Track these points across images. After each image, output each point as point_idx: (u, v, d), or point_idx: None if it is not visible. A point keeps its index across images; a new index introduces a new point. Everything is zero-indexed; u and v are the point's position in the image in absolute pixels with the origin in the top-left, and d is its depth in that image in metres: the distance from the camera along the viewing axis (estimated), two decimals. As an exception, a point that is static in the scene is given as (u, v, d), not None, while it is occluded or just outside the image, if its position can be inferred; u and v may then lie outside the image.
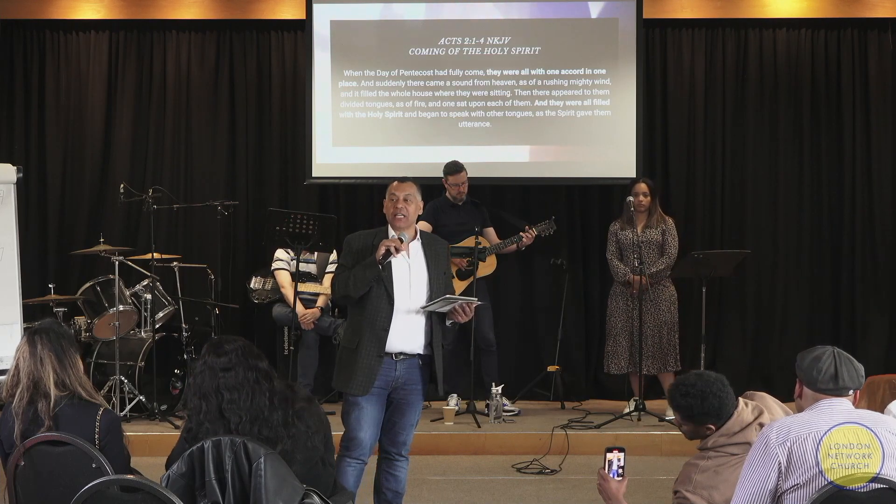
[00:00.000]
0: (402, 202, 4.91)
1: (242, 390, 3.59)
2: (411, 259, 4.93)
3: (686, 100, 8.92)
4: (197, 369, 3.69)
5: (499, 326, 8.59)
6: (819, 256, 8.89)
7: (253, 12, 8.93)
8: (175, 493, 3.23)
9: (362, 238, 4.98)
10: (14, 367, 3.90)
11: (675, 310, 7.80)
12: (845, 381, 3.25)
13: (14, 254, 6.49)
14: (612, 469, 3.62)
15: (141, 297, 7.86)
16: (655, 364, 7.74)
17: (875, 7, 8.79)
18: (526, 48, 8.63)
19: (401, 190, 4.96)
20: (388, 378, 4.86)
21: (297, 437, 3.63)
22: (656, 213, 7.85)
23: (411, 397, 4.94)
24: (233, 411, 3.56)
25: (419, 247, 4.98)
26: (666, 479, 5.32)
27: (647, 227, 7.80)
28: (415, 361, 4.91)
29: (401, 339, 4.86)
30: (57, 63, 8.99)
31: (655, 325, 7.74)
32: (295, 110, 8.93)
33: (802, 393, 3.33)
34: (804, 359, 3.32)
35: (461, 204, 7.98)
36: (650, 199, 7.81)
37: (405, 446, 4.98)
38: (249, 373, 3.62)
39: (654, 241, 7.78)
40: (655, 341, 7.74)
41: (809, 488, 3.11)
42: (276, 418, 3.59)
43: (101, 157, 8.97)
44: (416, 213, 4.98)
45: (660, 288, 7.76)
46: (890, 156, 8.84)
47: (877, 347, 8.67)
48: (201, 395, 3.61)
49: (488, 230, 8.01)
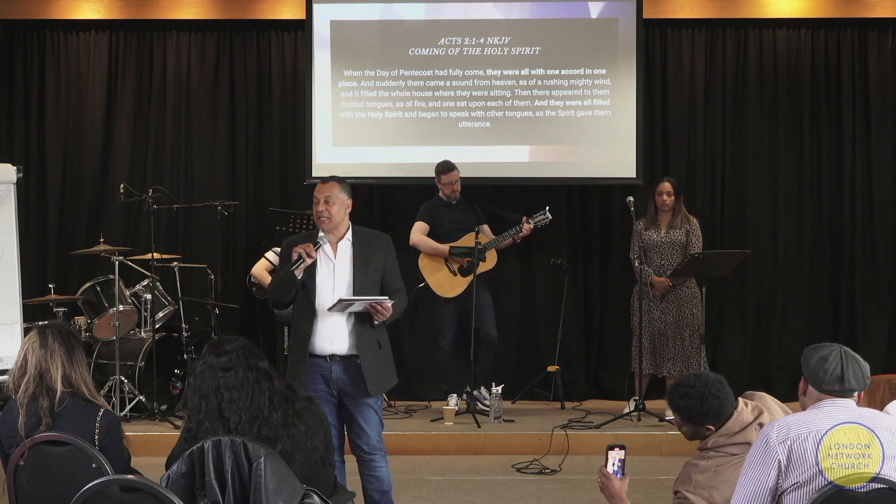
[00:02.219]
0: (322, 204, 4.91)
1: (242, 390, 3.59)
2: (337, 260, 4.92)
3: (686, 100, 8.92)
4: (197, 369, 3.69)
5: (499, 326, 8.59)
6: (819, 256, 8.89)
7: (253, 12, 8.94)
8: (175, 493, 3.23)
9: (293, 242, 4.99)
10: (21, 357, 3.92)
11: (698, 311, 7.69)
12: (850, 384, 3.24)
13: (14, 254, 6.49)
14: (614, 467, 3.62)
15: (141, 297, 7.86)
16: (677, 366, 7.63)
17: (875, 7, 8.79)
18: (526, 48, 8.63)
19: (322, 192, 4.95)
20: (327, 380, 4.85)
21: (296, 438, 3.64)
22: (681, 213, 7.79)
23: (359, 397, 4.89)
24: (232, 411, 3.56)
25: (349, 246, 4.96)
26: (666, 479, 5.33)
27: (672, 228, 7.75)
28: (353, 361, 4.86)
29: (327, 340, 4.85)
30: (57, 63, 9.00)
31: (677, 326, 7.67)
32: (295, 110, 8.93)
33: (807, 391, 3.32)
34: (811, 357, 3.29)
35: (455, 203, 7.99)
36: (674, 199, 7.75)
37: (370, 445, 4.93)
38: (249, 373, 3.62)
39: (678, 241, 7.71)
40: (678, 343, 7.67)
41: (809, 488, 3.11)
42: (275, 418, 3.60)
43: (101, 157, 8.98)
44: (341, 212, 4.95)
45: (683, 289, 7.70)
46: (890, 156, 8.85)
47: (877, 347, 8.66)
48: (201, 394, 3.61)
49: (483, 227, 8.02)
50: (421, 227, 7.94)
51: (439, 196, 8.02)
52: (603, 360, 8.93)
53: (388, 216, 8.85)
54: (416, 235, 7.91)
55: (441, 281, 7.88)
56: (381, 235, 5.14)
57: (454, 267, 7.84)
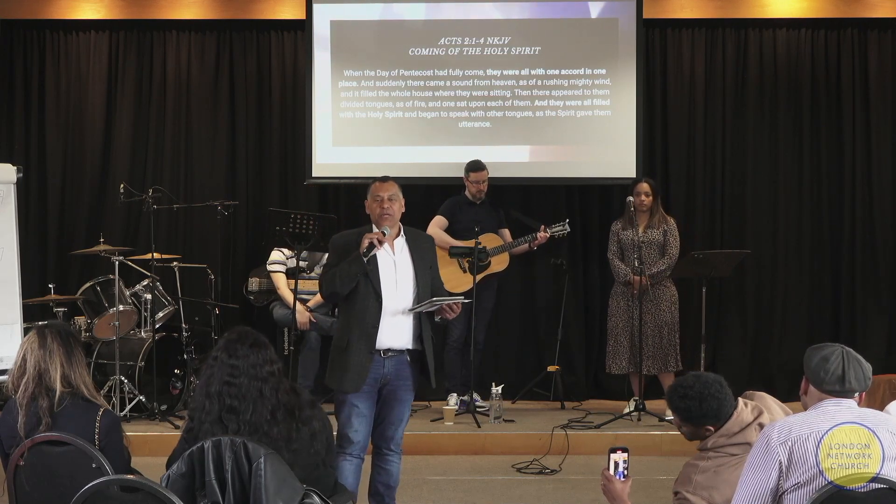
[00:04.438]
0: (387, 202, 5.01)
1: (245, 401, 3.56)
2: (396, 256, 5.00)
3: (686, 100, 8.92)
4: (209, 360, 3.66)
5: (499, 326, 8.61)
6: (819, 256, 8.89)
7: (253, 12, 8.94)
8: (175, 493, 3.23)
9: (346, 237, 5.07)
10: (20, 358, 3.92)
11: (675, 310, 7.80)
12: (851, 384, 3.25)
13: (14, 254, 6.49)
14: (617, 470, 3.61)
15: (141, 297, 7.86)
16: (656, 364, 7.73)
17: (875, 7, 8.79)
18: (526, 48, 8.63)
19: (385, 190, 5.05)
20: (377, 375, 4.91)
21: (298, 451, 3.61)
22: (658, 213, 7.85)
23: (400, 393, 4.98)
24: (231, 420, 3.54)
25: (404, 243, 5.04)
26: (666, 479, 5.32)
27: (649, 228, 7.79)
28: (403, 357, 4.96)
29: (389, 335, 4.92)
30: (57, 63, 8.99)
31: (656, 325, 7.73)
32: (295, 110, 8.93)
33: (808, 391, 3.32)
34: (812, 357, 3.30)
35: (479, 203, 8.01)
36: (652, 199, 7.80)
37: (394, 441, 5.04)
38: (255, 383, 3.59)
39: (656, 241, 7.77)
40: (656, 341, 7.73)
41: (809, 488, 3.11)
42: (275, 433, 3.57)
43: (101, 157, 8.97)
44: (400, 211, 5.06)
45: (661, 288, 7.76)
46: (890, 156, 8.84)
47: (877, 347, 8.66)
48: (207, 393, 3.59)
49: (504, 231, 8.05)
50: (439, 222, 7.98)
51: (464, 194, 8.06)
52: (603, 360, 8.90)
53: (388, 216, 8.85)
54: (432, 229, 7.94)
55: (449, 276, 7.87)
56: (426, 236, 5.29)
57: (464, 264, 7.85)
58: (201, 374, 3.72)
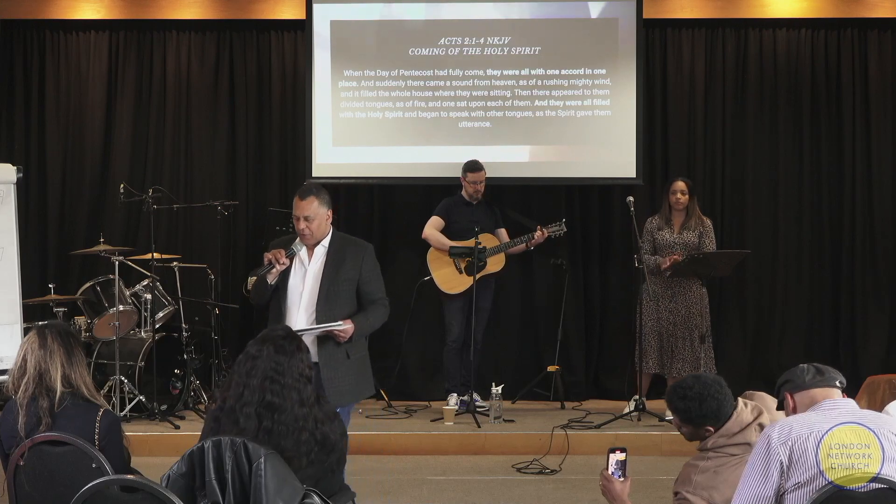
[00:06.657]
0: (303, 222, 4.87)
1: (285, 401, 3.50)
2: (310, 266, 4.92)
3: (686, 100, 8.92)
4: (250, 350, 3.59)
5: (499, 326, 8.60)
6: (819, 256, 8.89)
7: (253, 12, 8.94)
8: (175, 493, 3.23)
9: (278, 244, 5.01)
10: (21, 358, 3.92)
11: (706, 312, 7.67)
12: (831, 373, 3.37)
13: (14, 254, 6.49)
14: (616, 470, 3.62)
15: (141, 297, 7.86)
16: (686, 368, 7.56)
17: (875, 7, 8.80)
18: (526, 48, 8.63)
19: (301, 210, 4.88)
20: None
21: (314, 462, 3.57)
22: (695, 213, 7.73)
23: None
24: (266, 417, 3.47)
25: (323, 253, 4.94)
26: (666, 479, 5.33)
27: (685, 228, 7.69)
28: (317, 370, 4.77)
29: None
30: (57, 63, 8.99)
31: (686, 327, 7.62)
32: (295, 110, 8.93)
33: (796, 405, 3.37)
34: (784, 377, 3.48)
35: (475, 203, 8.01)
36: (688, 198, 7.69)
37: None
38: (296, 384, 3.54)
39: (691, 243, 7.64)
40: (687, 343, 7.62)
41: (810, 488, 3.11)
42: (305, 438, 3.51)
43: (101, 157, 8.97)
44: (322, 226, 4.90)
45: (692, 289, 7.65)
46: (890, 156, 8.84)
47: (877, 347, 8.67)
48: (246, 384, 3.53)
49: (500, 231, 8.04)
50: (435, 222, 7.97)
51: (461, 194, 8.06)
52: (603, 360, 8.93)
53: (388, 216, 8.86)
54: (429, 229, 7.93)
55: (446, 277, 7.90)
56: (360, 244, 5.06)
57: (461, 265, 7.85)
58: (238, 362, 3.64)
